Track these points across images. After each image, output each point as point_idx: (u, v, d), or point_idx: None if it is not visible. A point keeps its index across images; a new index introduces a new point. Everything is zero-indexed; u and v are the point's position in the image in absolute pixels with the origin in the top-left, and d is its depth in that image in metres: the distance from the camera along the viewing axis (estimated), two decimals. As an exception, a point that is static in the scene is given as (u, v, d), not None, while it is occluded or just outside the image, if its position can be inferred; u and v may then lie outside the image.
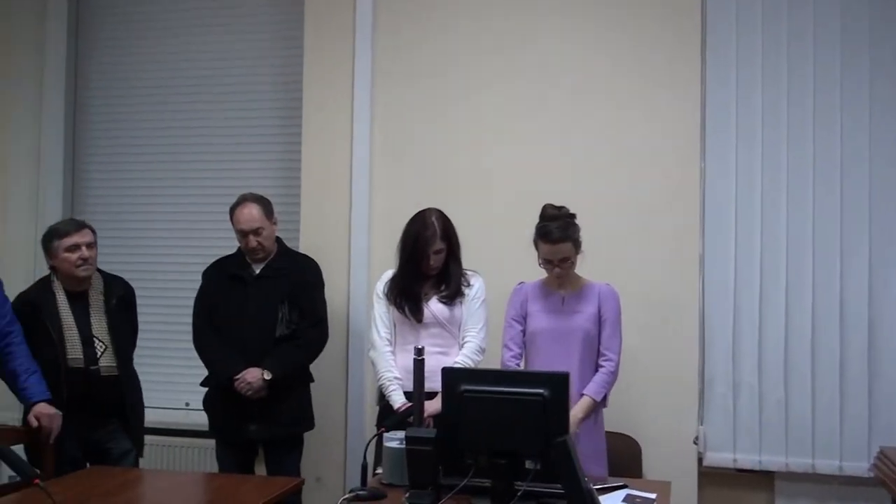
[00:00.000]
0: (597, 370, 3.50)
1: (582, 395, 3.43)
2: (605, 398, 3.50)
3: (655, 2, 4.20)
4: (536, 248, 3.48)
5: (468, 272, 3.74)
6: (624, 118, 4.22)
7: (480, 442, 2.68)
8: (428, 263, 3.64)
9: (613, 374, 3.50)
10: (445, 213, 3.71)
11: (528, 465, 2.64)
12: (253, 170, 4.75)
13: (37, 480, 2.41)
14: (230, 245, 4.05)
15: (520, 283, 3.66)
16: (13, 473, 3.98)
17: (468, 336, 3.68)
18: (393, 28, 4.47)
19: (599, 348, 3.52)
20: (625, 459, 3.66)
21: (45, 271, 3.91)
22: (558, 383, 2.66)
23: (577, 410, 3.34)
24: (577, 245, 3.46)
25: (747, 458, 4.05)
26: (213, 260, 4.10)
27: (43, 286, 3.77)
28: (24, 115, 4.88)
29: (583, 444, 3.31)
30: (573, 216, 3.48)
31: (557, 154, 4.27)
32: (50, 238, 3.74)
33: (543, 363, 3.45)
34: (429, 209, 3.69)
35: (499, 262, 4.02)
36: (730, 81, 4.12)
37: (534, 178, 4.26)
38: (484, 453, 2.67)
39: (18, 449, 3.26)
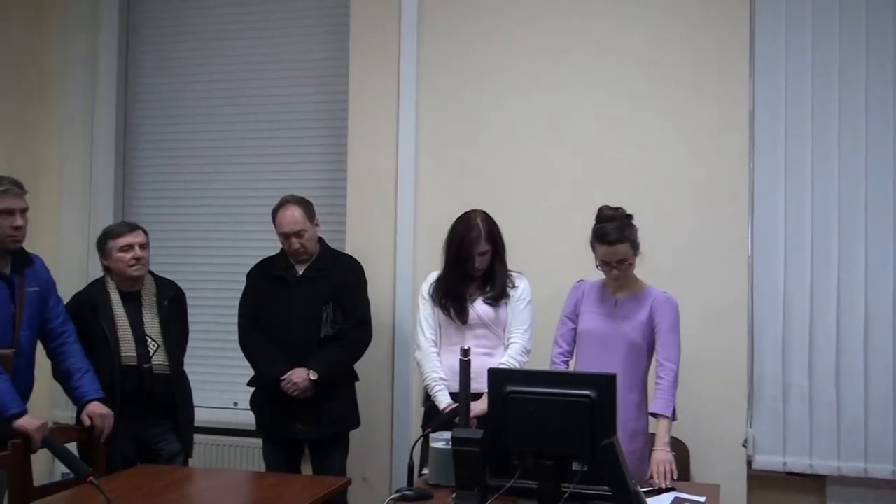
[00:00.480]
0: (640, 381, 3.45)
1: (652, 414, 3.36)
2: (673, 411, 3.39)
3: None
4: (593, 249, 3.42)
5: (513, 273, 3.73)
6: (671, 116, 4.18)
7: (527, 443, 2.67)
8: (473, 265, 3.64)
9: (675, 385, 3.37)
10: (491, 214, 3.71)
11: (575, 466, 2.63)
12: (299, 171, 4.79)
13: (90, 478, 2.45)
14: (278, 246, 4.08)
15: (579, 281, 3.62)
16: (67, 471, 4.07)
17: (513, 337, 3.67)
18: (437, 30, 4.48)
19: (656, 358, 3.43)
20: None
21: (97, 274, 3.98)
22: (605, 385, 2.65)
23: (661, 435, 3.25)
24: (634, 246, 3.39)
25: (798, 462, 3.99)
26: (258, 260, 4.14)
27: (98, 286, 3.84)
28: (76, 120, 4.96)
29: (629, 446, 3.28)
30: (630, 217, 3.41)
31: (604, 154, 4.25)
32: (104, 239, 3.81)
33: (589, 366, 3.42)
34: (474, 211, 3.69)
35: (544, 263, 4.02)
36: (779, 74, 4.05)
37: (580, 177, 4.24)
38: (530, 455, 2.67)
39: (72, 447, 3.32)
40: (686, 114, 4.17)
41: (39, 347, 3.65)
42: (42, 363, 3.67)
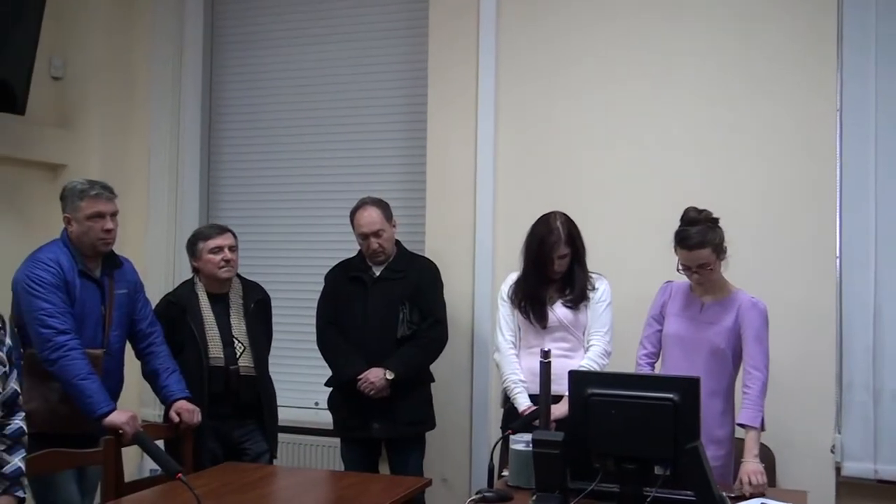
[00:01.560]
0: (725, 388, 3.38)
1: (740, 425, 3.28)
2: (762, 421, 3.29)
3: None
4: (676, 252, 3.39)
5: (593, 275, 3.70)
6: (756, 116, 4.09)
7: (608, 446, 2.65)
8: (552, 268, 3.62)
9: (763, 394, 3.30)
10: (571, 215, 3.67)
11: (658, 470, 2.60)
12: (378, 174, 4.83)
13: (180, 475, 2.50)
14: (356, 247, 4.11)
15: (667, 282, 3.56)
16: (155, 467, 4.18)
17: (593, 339, 3.64)
18: (516, 31, 4.46)
19: (744, 366, 3.34)
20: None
21: (183, 276, 4.08)
22: (689, 388, 2.61)
23: (750, 446, 3.18)
24: (718, 250, 3.31)
25: (890, 469, 3.86)
26: (336, 262, 4.19)
27: (187, 288, 3.93)
28: (163, 126, 5.08)
29: (713, 453, 3.22)
30: (715, 220, 3.33)
31: (686, 154, 4.18)
32: (195, 241, 3.90)
33: (673, 369, 3.37)
34: (554, 213, 3.66)
35: (625, 264, 3.97)
36: (868, 74, 3.92)
37: (661, 177, 4.18)
38: (612, 458, 2.65)
39: (160, 444, 3.41)
40: (771, 112, 4.07)
41: (128, 348, 3.76)
42: (130, 363, 3.78)
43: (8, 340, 2.67)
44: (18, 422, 2.69)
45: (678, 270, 3.40)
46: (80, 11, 4.92)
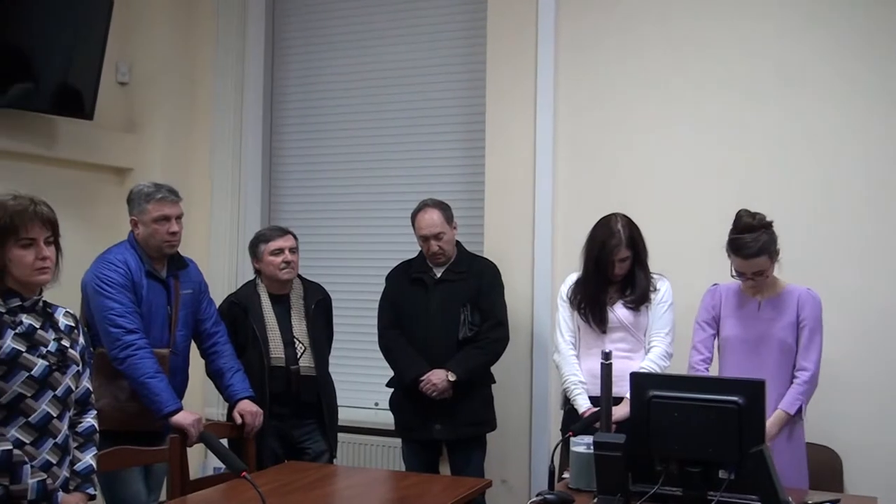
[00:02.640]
0: (792, 380, 3.35)
1: (776, 409, 3.28)
2: (800, 410, 3.33)
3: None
4: (729, 257, 3.34)
5: (654, 276, 3.67)
6: (819, 114, 4.02)
7: (671, 449, 2.63)
8: (613, 271, 3.59)
9: (809, 385, 3.31)
10: (630, 214, 3.65)
11: (722, 474, 2.57)
12: (437, 175, 4.84)
13: (244, 473, 2.54)
14: (417, 249, 4.13)
15: (714, 285, 3.54)
16: (219, 465, 4.25)
17: (654, 341, 3.60)
18: (574, 33, 4.44)
19: (796, 358, 3.35)
20: (825, 472, 3.48)
21: (245, 277, 4.13)
22: (754, 391, 2.57)
23: (769, 425, 3.20)
24: (773, 257, 3.29)
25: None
26: (397, 263, 4.21)
27: (250, 288, 3.99)
28: (225, 130, 5.16)
29: (781, 455, 3.17)
30: (770, 224, 3.30)
31: (748, 152, 4.12)
32: (256, 243, 3.96)
33: (736, 371, 3.33)
34: (614, 215, 3.63)
35: (687, 265, 3.92)
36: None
37: (724, 177, 4.13)
38: (675, 461, 2.62)
39: (223, 443, 3.46)
40: (834, 110, 3.99)
41: (193, 347, 3.83)
42: (195, 362, 3.84)
43: (81, 340, 2.74)
44: (90, 420, 2.76)
45: (732, 276, 3.36)
46: (145, 18, 5.03)
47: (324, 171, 5.16)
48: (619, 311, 3.62)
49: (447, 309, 3.97)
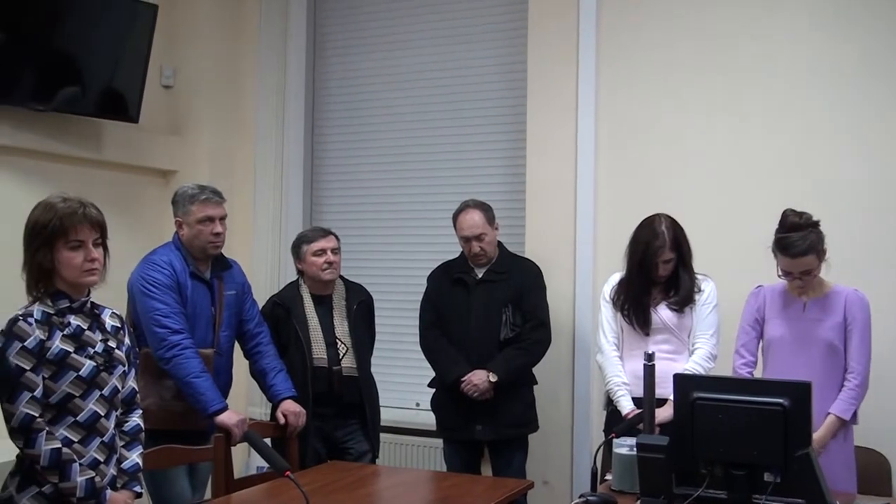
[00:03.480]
0: (841, 384, 3.30)
1: (828, 413, 3.24)
2: (854, 415, 3.28)
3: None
4: (775, 257, 3.31)
5: (699, 276, 3.63)
6: (864, 111, 3.95)
7: (715, 451, 2.59)
8: (657, 272, 3.56)
9: (860, 388, 3.26)
10: (674, 215, 3.61)
11: (767, 477, 2.53)
12: (478, 176, 4.84)
13: (288, 472, 2.56)
14: (458, 249, 4.13)
15: (757, 287, 3.50)
16: (262, 465, 4.28)
17: (698, 342, 3.57)
18: (617, 29, 4.42)
19: (845, 360, 3.29)
20: (872, 476, 3.42)
21: (288, 278, 4.16)
22: (800, 392, 2.53)
23: (822, 431, 3.16)
24: (820, 256, 3.25)
25: None
26: (438, 264, 4.22)
27: (292, 289, 4.02)
28: (268, 132, 5.20)
29: (828, 458, 3.13)
30: (816, 224, 3.26)
31: (793, 151, 4.07)
32: (299, 244, 3.99)
33: (781, 373, 3.29)
34: (658, 215, 3.59)
35: (731, 265, 3.89)
36: None
37: (768, 176, 4.08)
38: (719, 463, 2.59)
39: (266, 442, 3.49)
40: (882, 106, 3.93)
41: (237, 347, 3.86)
42: (237, 362, 3.88)
43: (127, 340, 2.78)
44: (136, 419, 2.81)
45: (779, 276, 3.32)
46: (189, 22, 5.09)
47: (365, 173, 5.18)
48: (662, 313, 3.59)
49: (488, 309, 3.97)
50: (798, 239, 3.21)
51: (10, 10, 3.97)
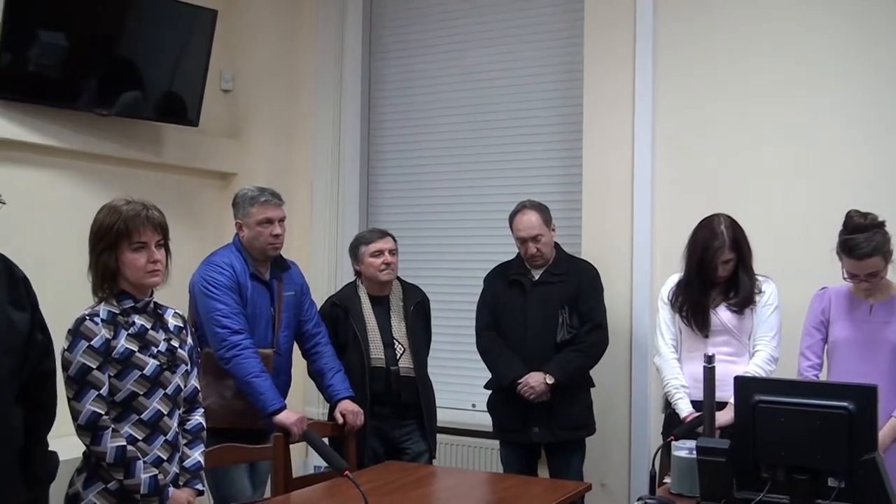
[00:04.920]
0: None
1: (891, 416, 3.17)
2: None
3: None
4: (840, 259, 3.24)
5: (759, 278, 3.57)
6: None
7: (777, 456, 2.55)
8: (716, 273, 3.51)
9: None
10: (733, 215, 3.56)
11: (831, 482, 2.48)
12: (534, 177, 4.83)
13: (347, 472, 2.58)
14: (514, 250, 4.12)
15: (822, 289, 3.44)
16: (319, 464, 4.33)
17: (759, 345, 3.51)
18: (673, 27, 4.37)
19: None
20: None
21: (345, 279, 4.19)
22: (866, 396, 2.48)
23: (884, 433, 3.08)
24: (887, 257, 3.17)
25: None
26: (494, 265, 4.21)
27: (350, 290, 4.04)
28: (325, 133, 5.25)
29: (890, 461, 3.06)
30: (882, 224, 3.19)
31: (857, 151, 3.98)
32: (357, 245, 4.01)
33: (846, 375, 3.23)
34: (717, 215, 3.54)
35: (793, 266, 3.82)
36: None
37: (831, 177, 4.01)
38: (781, 468, 2.55)
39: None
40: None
41: (295, 348, 3.90)
42: (295, 362, 3.92)
43: (189, 340, 2.83)
44: (198, 418, 2.85)
45: (844, 279, 3.26)
46: (248, 27, 5.16)
47: (422, 174, 5.21)
48: (722, 315, 3.54)
49: (545, 311, 3.95)
50: (864, 240, 3.14)
51: (74, 16, 4.07)
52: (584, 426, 4.03)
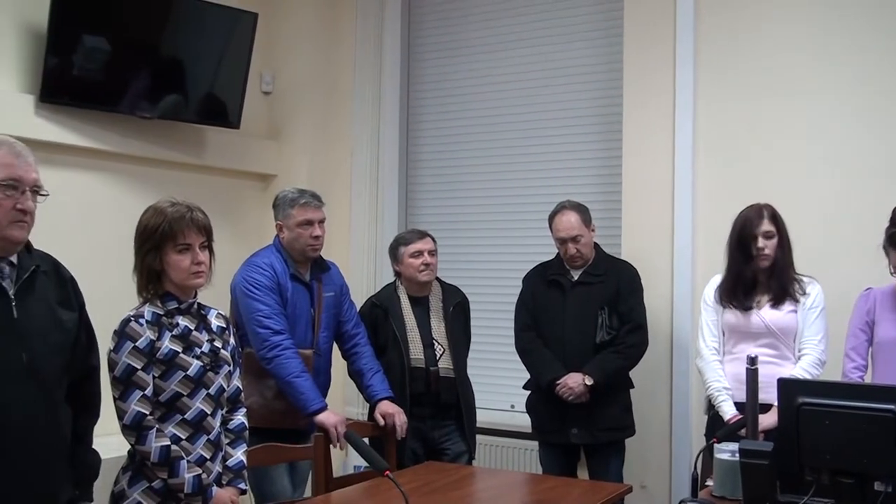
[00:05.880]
0: None
1: None
2: None
3: None
4: (887, 254, 3.20)
5: (805, 279, 3.54)
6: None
7: (822, 459, 2.52)
8: (756, 246, 3.48)
9: None
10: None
11: (878, 486, 2.45)
12: (573, 176, 4.81)
13: (387, 472, 2.59)
14: (554, 251, 4.11)
15: (867, 289, 3.40)
16: (359, 464, 4.34)
17: (806, 348, 3.47)
18: (715, 26, 4.33)
19: None
20: None
21: (384, 280, 4.20)
22: (913, 399, 2.45)
23: None
24: None
25: None
26: (533, 265, 4.21)
27: (390, 290, 4.06)
28: (364, 135, 5.26)
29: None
30: None
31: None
32: (396, 245, 4.02)
33: (892, 377, 3.18)
34: (757, 203, 3.57)
35: (839, 268, 3.77)
36: None
37: (875, 176, 3.95)
38: (826, 471, 2.52)
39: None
40: None
41: (335, 348, 3.93)
42: (334, 362, 3.94)
43: (232, 340, 2.86)
44: (241, 417, 2.88)
45: (891, 273, 3.21)
46: (288, 30, 5.20)
47: (460, 175, 5.21)
48: (765, 315, 3.50)
49: (584, 312, 3.94)
50: None
51: (117, 21, 4.13)
52: (624, 427, 4.00)
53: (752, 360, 2.83)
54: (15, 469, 2.22)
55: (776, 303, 3.50)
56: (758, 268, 3.51)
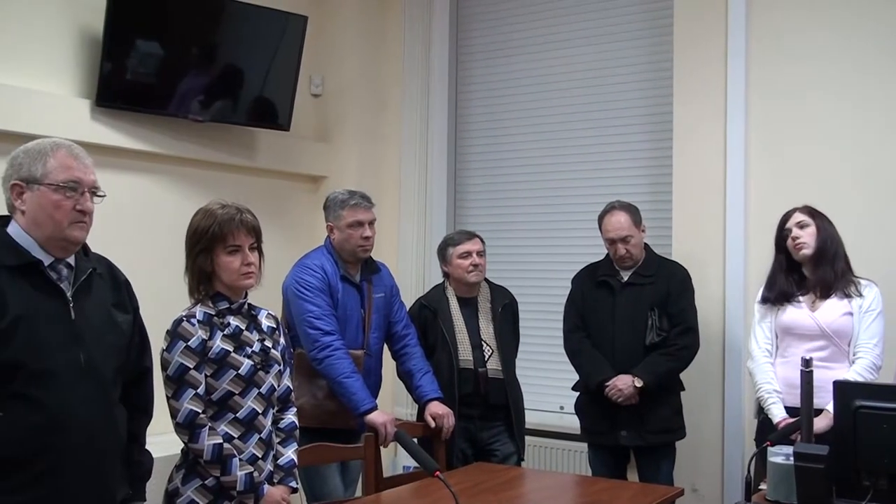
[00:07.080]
0: None
1: None
2: None
3: None
4: None
5: (862, 281, 3.47)
6: None
7: (879, 463, 2.48)
8: (791, 237, 3.47)
9: None
10: (832, 214, 3.50)
11: (937, 491, 2.40)
12: (624, 177, 4.78)
13: (438, 473, 2.59)
14: (604, 251, 4.09)
15: None
16: (408, 464, 4.36)
17: (861, 352, 3.40)
18: (765, 28, 4.27)
19: None
20: None
21: (433, 281, 4.20)
22: (973, 403, 2.39)
23: None
24: None
25: None
26: (583, 266, 4.18)
27: (438, 291, 4.07)
28: (413, 136, 5.29)
29: None
30: None
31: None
32: (445, 246, 4.03)
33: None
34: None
35: (893, 269, 3.69)
36: None
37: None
38: (884, 475, 2.47)
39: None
40: None
41: (385, 349, 3.94)
42: (384, 363, 3.95)
43: (282, 340, 2.89)
44: (291, 417, 2.91)
45: None
46: (337, 33, 5.24)
47: (508, 176, 5.20)
48: (817, 316, 3.45)
49: (634, 313, 3.91)
50: None
51: (169, 26, 4.19)
52: (674, 430, 3.96)
53: (807, 363, 2.78)
54: (79, 468, 2.27)
55: (823, 295, 3.44)
56: (800, 259, 3.47)
